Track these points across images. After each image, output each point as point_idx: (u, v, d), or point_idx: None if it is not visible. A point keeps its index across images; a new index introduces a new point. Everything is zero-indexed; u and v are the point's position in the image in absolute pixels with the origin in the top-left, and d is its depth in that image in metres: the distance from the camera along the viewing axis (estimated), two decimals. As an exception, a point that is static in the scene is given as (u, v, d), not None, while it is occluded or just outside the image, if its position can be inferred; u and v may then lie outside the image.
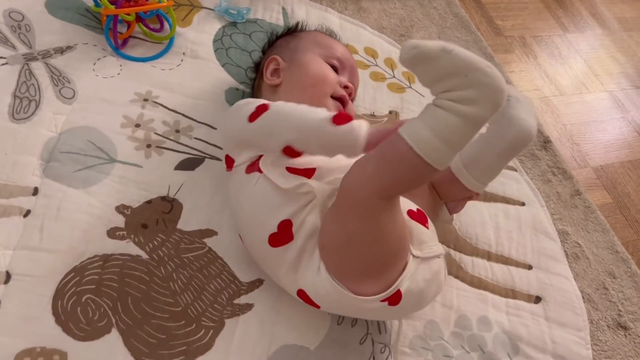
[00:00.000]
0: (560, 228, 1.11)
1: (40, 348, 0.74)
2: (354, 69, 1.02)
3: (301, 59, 0.98)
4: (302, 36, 1.03)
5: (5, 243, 0.81)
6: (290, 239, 0.78)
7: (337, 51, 1.01)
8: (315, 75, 0.95)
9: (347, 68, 1.01)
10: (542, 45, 1.59)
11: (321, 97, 0.93)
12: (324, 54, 0.99)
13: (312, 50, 0.99)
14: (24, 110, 0.93)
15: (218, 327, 0.82)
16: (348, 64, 1.01)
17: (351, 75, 1.01)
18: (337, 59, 0.99)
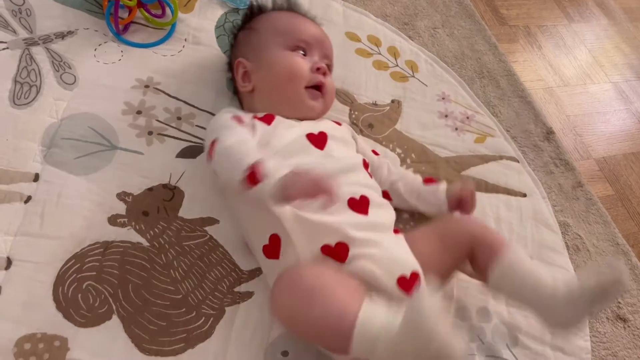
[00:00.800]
0: (562, 220, 1.10)
1: (41, 334, 0.74)
2: (322, 42, 0.98)
3: (265, 57, 0.94)
4: (261, 28, 0.98)
5: (6, 229, 0.81)
6: (277, 257, 0.79)
7: (300, 32, 0.96)
8: (283, 73, 0.92)
9: (315, 45, 0.96)
10: (547, 35, 1.58)
11: (295, 94, 0.93)
12: (287, 41, 0.94)
13: (274, 42, 0.95)
14: (25, 96, 0.93)
15: (218, 314, 0.82)
16: (315, 40, 0.97)
17: (322, 49, 0.97)
18: (302, 41, 0.95)
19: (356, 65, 1.20)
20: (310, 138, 0.88)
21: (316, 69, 0.94)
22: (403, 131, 1.12)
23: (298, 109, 0.93)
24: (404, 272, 0.78)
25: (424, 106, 1.18)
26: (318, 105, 0.94)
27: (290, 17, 1.00)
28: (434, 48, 1.31)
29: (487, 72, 1.31)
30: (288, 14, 1.01)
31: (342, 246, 0.77)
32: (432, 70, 1.25)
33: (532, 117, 1.26)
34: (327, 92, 0.95)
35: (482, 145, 1.15)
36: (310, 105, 0.93)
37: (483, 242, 0.83)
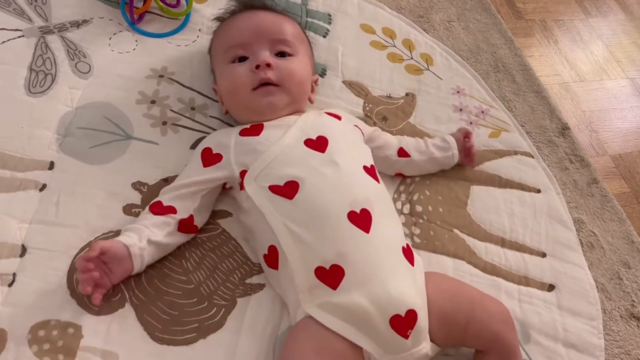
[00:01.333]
0: (576, 216, 1.09)
1: (54, 321, 0.75)
2: (260, 31, 0.91)
3: (217, 78, 0.95)
4: (211, 50, 0.98)
5: (21, 216, 0.82)
6: (276, 268, 0.79)
7: (231, 38, 0.92)
8: (228, 89, 0.91)
9: (252, 40, 0.90)
10: (564, 29, 1.56)
11: (248, 102, 0.89)
12: (224, 55, 0.92)
13: (218, 61, 0.94)
14: (40, 84, 0.93)
15: (230, 305, 0.82)
16: (249, 35, 0.91)
17: (262, 39, 0.90)
18: (235, 47, 0.91)
19: (371, 57, 1.19)
20: (308, 144, 0.84)
21: (255, 67, 0.88)
22: (417, 124, 1.11)
23: (262, 113, 0.89)
24: (399, 311, 0.73)
25: (439, 99, 1.17)
26: (276, 99, 0.89)
27: (224, 26, 0.96)
28: (449, 41, 1.30)
29: (502, 67, 1.29)
30: (223, 25, 0.97)
31: (337, 270, 0.74)
32: (447, 63, 1.24)
33: (547, 112, 1.24)
34: (284, 79, 0.89)
35: (497, 140, 1.14)
36: (265, 103, 0.88)
37: (502, 351, 0.77)
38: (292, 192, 0.78)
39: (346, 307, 0.73)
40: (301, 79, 0.92)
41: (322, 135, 0.85)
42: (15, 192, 0.83)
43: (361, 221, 0.77)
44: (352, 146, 0.90)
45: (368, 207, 0.78)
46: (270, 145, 0.83)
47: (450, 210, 1.01)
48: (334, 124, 0.92)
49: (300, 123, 0.88)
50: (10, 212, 0.81)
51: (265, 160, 0.82)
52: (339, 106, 1.08)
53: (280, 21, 0.95)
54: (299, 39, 0.96)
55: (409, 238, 0.95)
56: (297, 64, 0.92)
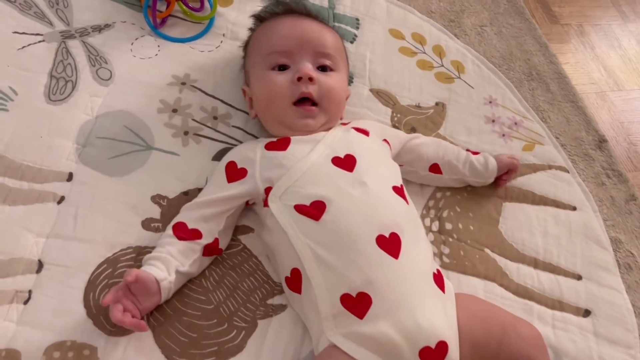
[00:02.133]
0: (613, 236, 1.04)
1: (70, 342, 0.72)
2: (306, 41, 0.87)
3: (252, 82, 0.90)
4: (248, 50, 0.94)
5: (38, 230, 0.79)
6: (299, 292, 0.76)
7: (275, 44, 0.87)
8: (264, 97, 0.87)
9: (297, 49, 0.86)
10: (601, 34, 1.49)
11: (283, 116, 0.86)
12: (265, 59, 0.87)
13: (256, 63, 0.89)
14: (60, 92, 0.91)
15: (250, 327, 0.79)
16: (294, 43, 0.87)
17: (307, 49, 0.87)
18: (279, 53, 0.86)
19: (399, 64, 1.14)
20: (336, 162, 0.81)
21: (297, 79, 0.84)
22: (447, 136, 1.06)
23: (295, 129, 0.86)
24: (429, 343, 0.69)
25: (470, 110, 1.12)
26: (313, 122, 0.86)
27: (268, 28, 0.91)
28: (481, 47, 1.25)
29: (536, 74, 1.24)
30: (268, 25, 0.92)
31: (364, 298, 0.70)
32: (478, 71, 1.19)
33: (583, 123, 1.18)
34: (323, 96, 0.85)
35: (531, 154, 1.09)
36: (302, 124, 0.85)
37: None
38: (318, 212, 0.75)
39: (373, 337, 0.69)
40: (340, 98, 0.90)
41: (350, 153, 0.82)
42: (33, 205, 0.81)
43: (390, 246, 0.73)
44: (381, 165, 0.86)
45: (397, 231, 0.75)
46: (297, 162, 0.80)
47: (482, 228, 0.97)
48: (363, 140, 0.88)
49: (329, 139, 0.85)
50: (28, 226, 0.79)
51: (291, 178, 0.79)
52: (366, 116, 1.03)
53: (325, 32, 0.91)
54: (341, 53, 0.93)
55: (437, 258, 0.91)
56: (337, 81, 0.89)
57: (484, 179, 0.98)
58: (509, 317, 0.79)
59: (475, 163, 0.97)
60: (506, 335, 0.74)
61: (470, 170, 0.97)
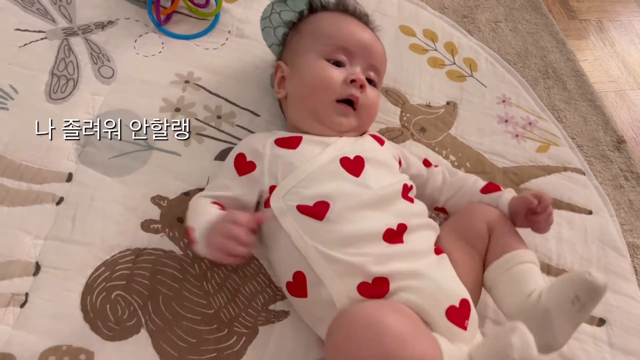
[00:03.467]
0: (631, 241, 1.00)
1: (66, 346, 0.71)
2: (369, 50, 0.88)
3: (299, 63, 0.87)
4: (303, 29, 0.91)
5: (36, 232, 0.78)
6: (304, 295, 0.73)
7: (341, 38, 0.87)
8: (311, 84, 0.85)
9: (359, 53, 0.87)
10: (621, 30, 1.44)
11: (322, 108, 0.84)
12: (324, 48, 0.86)
13: (311, 47, 0.87)
14: (62, 90, 0.89)
15: (251, 334, 0.77)
16: (359, 47, 0.87)
17: (367, 58, 0.87)
18: (342, 49, 0.86)
19: (410, 62, 1.11)
20: (344, 163, 0.79)
21: (350, 80, 0.84)
22: (458, 137, 1.03)
23: (324, 123, 0.85)
24: (453, 302, 0.70)
25: (483, 109, 1.08)
26: (346, 122, 0.85)
27: (336, 20, 0.90)
28: (495, 44, 1.21)
29: (552, 72, 1.20)
30: (335, 16, 0.91)
31: (380, 281, 0.69)
32: (492, 69, 1.15)
33: (601, 123, 1.14)
34: (363, 107, 0.85)
35: (545, 155, 1.05)
36: (336, 122, 0.84)
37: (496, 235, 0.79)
38: (321, 212, 0.73)
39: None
40: (376, 114, 0.91)
41: (360, 155, 0.80)
42: (31, 206, 0.80)
43: (396, 237, 0.73)
44: (389, 172, 0.84)
45: (405, 222, 0.75)
46: (305, 162, 0.78)
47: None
48: (375, 147, 0.87)
49: (341, 142, 0.83)
50: (25, 228, 0.78)
51: (296, 178, 0.77)
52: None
53: (381, 47, 0.92)
54: (383, 66, 0.93)
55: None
56: (377, 96, 0.90)
57: None
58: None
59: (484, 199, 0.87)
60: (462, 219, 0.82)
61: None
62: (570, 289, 0.69)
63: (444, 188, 0.90)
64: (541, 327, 0.69)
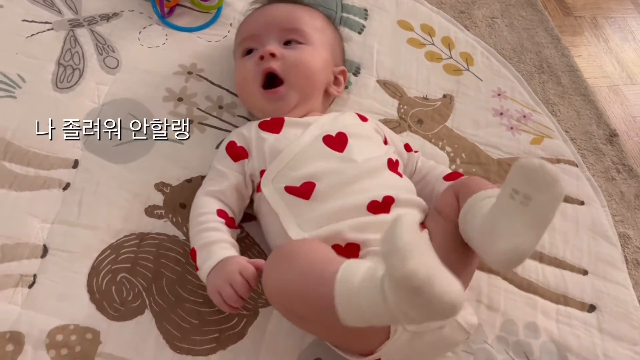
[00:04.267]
0: (622, 231, 1.02)
1: (73, 325, 0.73)
2: (270, 21, 0.89)
3: None
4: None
5: (44, 216, 0.81)
6: None
7: (247, 29, 0.90)
8: (237, 85, 0.91)
9: (263, 31, 0.88)
10: (615, 27, 1.47)
11: (254, 101, 0.88)
12: (238, 47, 0.91)
13: (234, 54, 0.93)
14: (68, 80, 0.92)
15: (252, 315, 0.79)
16: (260, 26, 0.89)
17: (272, 29, 0.88)
18: (247, 40, 0.89)
19: (407, 56, 1.13)
20: (327, 141, 0.81)
21: (260, 58, 0.84)
22: (454, 128, 1.06)
23: (271, 115, 0.86)
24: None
25: (478, 102, 1.11)
26: (286, 102, 0.85)
27: (248, 18, 0.95)
28: (491, 39, 1.23)
29: (547, 67, 1.22)
30: (250, 15, 0.95)
31: (352, 247, 0.72)
32: (488, 63, 1.17)
33: (594, 117, 1.17)
34: (288, 69, 0.84)
35: (539, 147, 1.07)
36: (276, 108, 0.86)
37: (464, 187, 0.75)
38: (308, 192, 0.76)
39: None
40: (310, 69, 0.87)
41: (342, 131, 0.82)
42: (38, 191, 0.82)
43: (382, 208, 0.75)
44: (373, 145, 0.85)
45: (392, 194, 0.76)
46: (290, 144, 0.80)
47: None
48: (357, 122, 0.88)
49: (322, 120, 0.84)
50: (33, 212, 0.80)
51: (282, 161, 0.79)
52: (372, 107, 1.03)
53: (295, 10, 0.91)
54: (316, 28, 0.91)
55: (441, 250, 0.91)
56: (307, 53, 0.86)
57: None
58: None
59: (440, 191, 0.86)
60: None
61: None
62: (508, 185, 0.62)
63: (415, 173, 0.91)
64: (495, 234, 0.63)
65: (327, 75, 0.91)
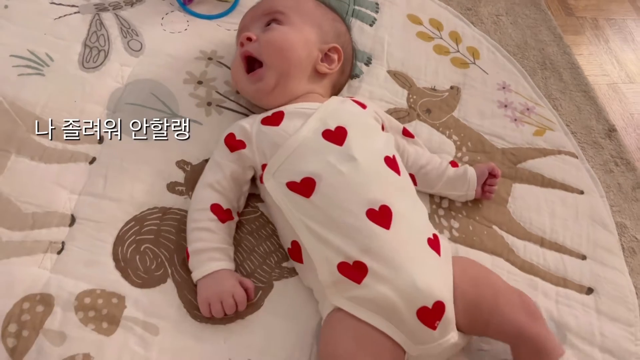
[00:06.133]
0: (619, 221, 1.07)
1: (100, 290, 0.77)
2: (255, 10, 0.94)
3: None
4: None
5: (71, 187, 0.84)
6: (301, 261, 0.80)
7: (240, 25, 0.96)
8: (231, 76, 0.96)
9: (248, 22, 0.93)
10: (615, 28, 1.52)
11: (242, 91, 0.93)
12: (236, 42, 0.94)
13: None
14: (93, 60, 0.95)
15: (267, 288, 0.83)
16: (248, 18, 0.94)
17: (257, 16, 0.92)
18: (240, 32, 0.93)
19: (417, 48, 1.18)
20: (326, 136, 0.81)
21: (240, 45, 0.89)
22: (461, 119, 1.10)
23: (257, 100, 0.92)
24: (426, 303, 0.72)
25: (484, 94, 1.15)
26: (263, 84, 0.87)
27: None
28: (497, 35, 1.28)
29: (550, 64, 1.27)
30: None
31: (360, 266, 0.73)
32: (493, 58, 1.22)
33: (594, 112, 1.21)
34: (262, 52, 0.87)
35: (541, 139, 1.12)
36: (254, 90, 0.89)
37: (530, 345, 0.75)
38: (308, 190, 0.77)
39: (372, 299, 0.72)
40: (283, 46, 0.87)
41: (341, 125, 0.82)
42: (66, 164, 0.85)
43: (381, 218, 0.75)
44: (373, 136, 0.86)
45: (388, 203, 0.76)
46: (289, 138, 0.81)
47: (490, 206, 1.00)
48: (357, 112, 0.88)
49: (321, 112, 0.84)
50: (61, 183, 0.84)
51: (283, 155, 0.80)
52: (384, 96, 1.07)
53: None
54: (298, 8, 0.91)
55: (447, 231, 0.95)
56: (281, 31, 0.88)
57: (462, 191, 0.96)
58: (502, 283, 0.82)
59: (453, 174, 0.95)
60: (497, 301, 0.77)
61: (447, 184, 0.95)
62: None
63: (418, 157, 0.95)
64: None
65: (308, 52, 0.89)
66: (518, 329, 0.75)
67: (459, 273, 0.79)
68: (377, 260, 0.73)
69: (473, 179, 0.95)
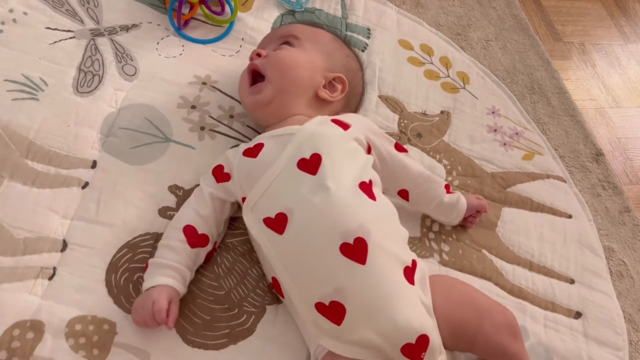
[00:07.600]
0: (606, 244, 1.08)
1: (91, 316, 0.77)
2: (269, 36, 1.01)
3: None
4: None
5: (63, 212, 0.84)
6: (283, 296, 0.81)
7: (258, 46, 1.01)
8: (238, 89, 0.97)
9: (264, 44, 0.98)
10: (602, 53, 1.55)
11: (243, 99, 0.94)
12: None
13: None
14: (88, 84, 0.96)
15: (259, 312, 0.83)
16: (266, 39, 1.00)
17: (271, 40, 0.98)
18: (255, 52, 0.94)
19: (407, 73, 1.20)
20: (301, 165, 0.78)
21: (250, 59, 0.94)
22: (451, 143, 1.12)
23: (250, 110, 0.94)
24: (409, 340, 0.72)
25: (474, 119, 1.17)
26: (261, 97, 0.88)
27: None
28: (486, 60, 1.30)
29: (538, 88, 1.29)
30: None
31: (336, 306, 0.72)
32: (483, 83, 1.24)
33: (581, 137, 1.24)
34: (270, 64, 0.89)
35: (530, 163, 1.14)
36: (252, 102, 0.91)
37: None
38: (281, 226, 0.76)
39: (356, 342, 0.73)
40: (288, 65, 0.89)
41: (317, 152, 0.79)
42: (59, 188, 0.86)
43: (356, 252, 0.73)
44: (348, 161, 0.81)
45: (363, 235, 0.73)
46: (266, 170, 0.79)
47: (480, 230, 1.02)
48: (335, 133, 0.83)
49: (299, 137, 0.81)
50: (54, 208, 0.84)
51: (260, 189, 0.79)
52: (375, 121, 1.07)
53: (294, 25, 1.00)
54: (313, 38, 0.95)
55: (437, 255, 0.96)
56: (290, 52, 0.91)
57: (449, 218, 0.97)
58: (484, 302, 0.83)
59: (446, 201, 0.94)
60: (480, 322, 0.79)
61: (437, 208, 0.95)
62: None
63: (417, 177, 0.92)
64: None
65: (311, 75, 0.90)
66: (503, 348, 0.78)
67: (441, 296, 0.79)
68: (354, 301, 0.72)
69: (462, 211, 0.96)
